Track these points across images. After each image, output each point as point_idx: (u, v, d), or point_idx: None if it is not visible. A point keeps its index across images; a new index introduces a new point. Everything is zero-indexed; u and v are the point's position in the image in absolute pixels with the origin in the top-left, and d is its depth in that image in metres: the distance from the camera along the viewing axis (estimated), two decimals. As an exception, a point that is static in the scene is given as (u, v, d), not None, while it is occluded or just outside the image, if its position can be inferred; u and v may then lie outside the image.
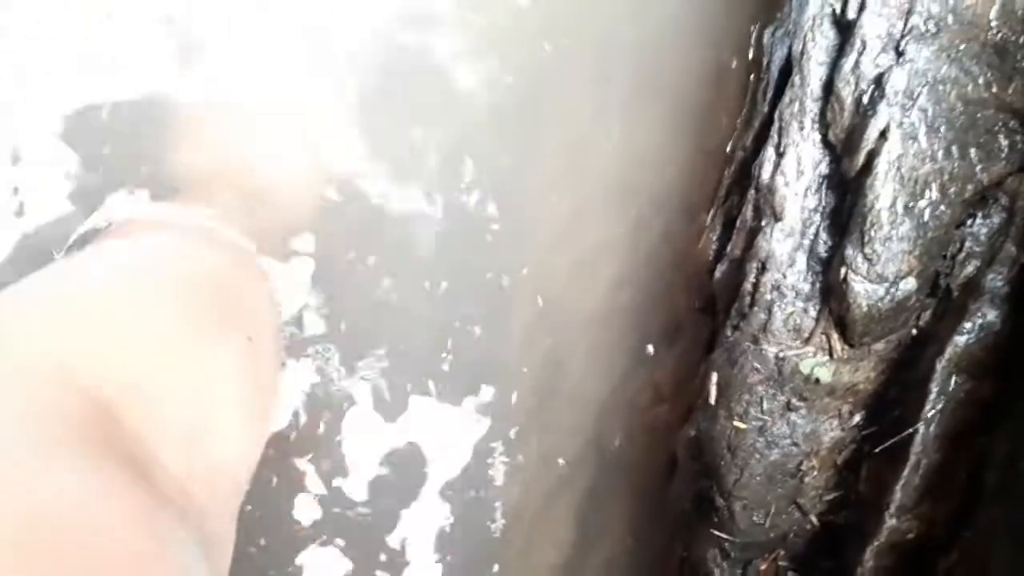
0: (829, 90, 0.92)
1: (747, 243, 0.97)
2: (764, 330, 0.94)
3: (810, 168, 0.93)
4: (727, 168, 1.05)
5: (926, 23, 0.87)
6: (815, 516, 0.95)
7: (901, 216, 0.87)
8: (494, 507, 1.18)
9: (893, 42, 0.88)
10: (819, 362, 0.92)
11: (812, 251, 0.93)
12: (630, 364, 1.19)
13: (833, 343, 0.92)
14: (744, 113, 1.03)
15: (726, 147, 1.08)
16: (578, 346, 1.20)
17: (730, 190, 1.03)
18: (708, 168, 1.11)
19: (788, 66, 0.96)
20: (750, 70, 1.02)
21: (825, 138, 0.92)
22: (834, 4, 0.93)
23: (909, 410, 0.88)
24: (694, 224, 1.12)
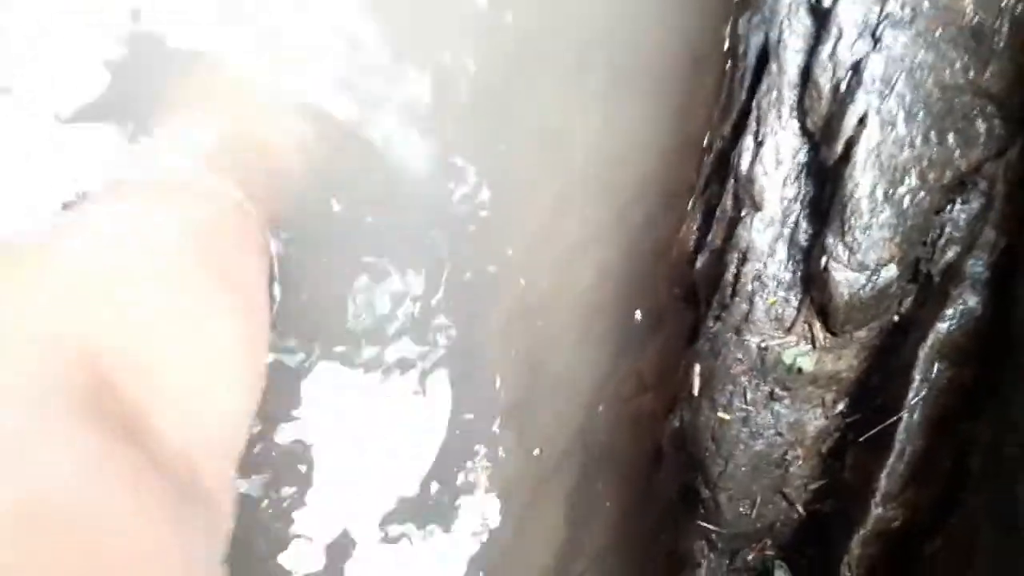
0: (807, 78, 0.91)
1: (727, 233, 0.97)
2: (746, 320, 0.93)
3: (789, 157, 0.93)
4: (706, 157, 1.05)
5: (902, 9, 0.86)
6: (801, 505, 0.95)
7: (881, 203, 0.86)
8: (479, 501, 1.18)
9: (870, 29, 0.87)
10: (802, 351, 0.92)
11: (793, 240, 0.92)
12: (614, 355, 1.19)
13: (815, 332, 0.92)
14: (722, 102, 1.02)
15: (704, 137, 1.07)
16: (562, 338, 1.19)
17: (709, 180, 1.03)
18: (687, 158, 1.10)
19: (765, 54, 0.95)
20: (727, 59, 1.02)
21: (803, 126, 0.92)
22: (810, -10, 0.92)
23: (892, 397, 0.88)
24: (675, 214, 1.11)
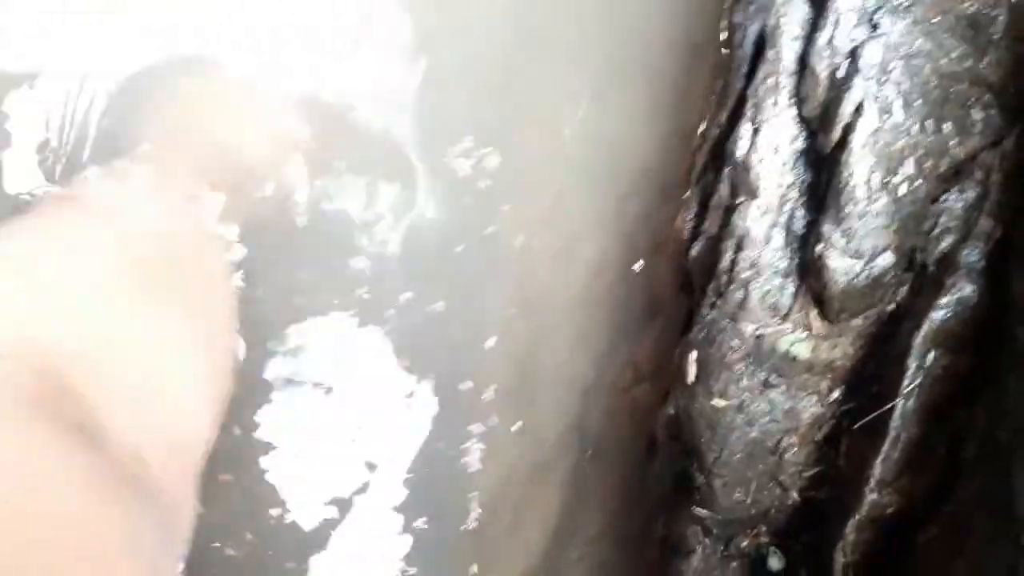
0: (803, 65, 0.91)
1: (723, 221, 0.97)
2: (742, 308, 0.93)
3: (786, 144, 0.92)
4: (702, 146, 1.04)
5: (900, -5, 0.86)
6: (796, 492, 0.95)
7: (877, 191, 0.86)
8: (477, 491, 1.18)
9: (867, 15, 0.87)
10: (797, 339, 0.92)
11: (789, 228, 0.92)
12: (610, 345, 1.19)
13: (811, 320, 0.92)
14: (718, 89, 1.02)
15: (701, 125, 1.07)
16: (558, 328, 1.19)
17: (705, 168, 1.03)
18: (684, 147, 1.10)
19: (761, 42, 0.95)
20: (723, 46, 1.01)
21: (800, 114, 0.92)
22: (807, -23, 0.92)
23: (887, 385, 0.88)
24: (671, 204, 1.11)
